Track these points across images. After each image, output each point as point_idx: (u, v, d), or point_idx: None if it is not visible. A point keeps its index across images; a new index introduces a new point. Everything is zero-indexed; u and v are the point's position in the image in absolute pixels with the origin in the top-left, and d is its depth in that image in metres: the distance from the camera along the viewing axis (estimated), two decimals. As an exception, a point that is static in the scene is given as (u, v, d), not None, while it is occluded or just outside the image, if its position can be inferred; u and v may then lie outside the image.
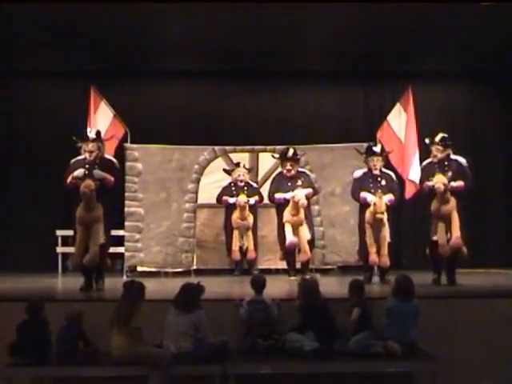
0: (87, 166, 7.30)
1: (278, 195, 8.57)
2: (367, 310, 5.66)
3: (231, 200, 9.26)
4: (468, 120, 11.09)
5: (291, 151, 8.65)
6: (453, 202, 7.43)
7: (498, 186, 11.16)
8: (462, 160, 7.72)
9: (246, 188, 9.40)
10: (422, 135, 9.61)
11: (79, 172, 7.21)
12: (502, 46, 9.85)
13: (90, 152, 7.35)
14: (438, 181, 7.33)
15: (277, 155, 8.93)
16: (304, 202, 8.28)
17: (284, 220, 8.43)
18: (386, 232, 7.82)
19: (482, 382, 5.89)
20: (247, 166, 9.69)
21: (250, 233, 9.25)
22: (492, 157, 11.29)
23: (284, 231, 8.40)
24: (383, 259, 7.80)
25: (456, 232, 7.35)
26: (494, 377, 5.90)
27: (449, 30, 9.32)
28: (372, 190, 7.93)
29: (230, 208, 9.31)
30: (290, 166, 8.59)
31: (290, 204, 8.35)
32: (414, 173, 9.28)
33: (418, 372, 5.61)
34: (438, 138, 7.72)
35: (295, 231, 8.36)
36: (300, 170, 8.81)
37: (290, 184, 8.49)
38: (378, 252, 7.80)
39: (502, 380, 5.93)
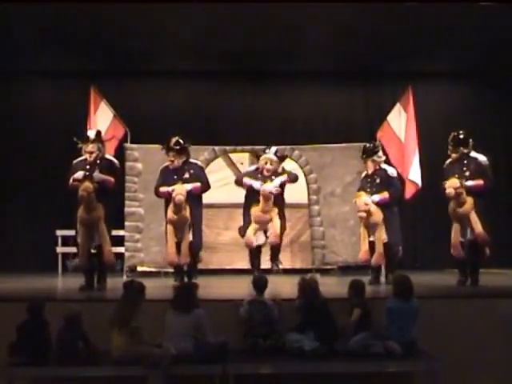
0: (88, 166, 7.32)
1: (163, 189, 7.72)
2: (367, 310, 5.67)
3: (255, 184, 8.15)
4: (468, 120, 11.05)
5: (173, 140, 7.77)
6: (469, 202, 7.28)
7: (498, 186, 11.14)
8: (482, 158, 7.53)
9: (273, 178, 8.24)
10: (422, 135, 9.68)
11: (79, 174, 7.24)
12: (502, 46, 9.85)
13: (90, 153, 7.36)
14: (449, 185, 7.24)
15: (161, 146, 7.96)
16: (180, 197, 7.39)
17: (167, 218, 7.62)
18: (381, 231, 7.78)
19: (482, 382, 5.90)
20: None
21: (273, 222, 8.07)
22: (492, 157, 11.25)
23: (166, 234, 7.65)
24: (376, 259, 7.77)
25: (478, 229, 7.22)
26: (494, 377, 5.91)
27: (449, 29, 9.32)
28: (368, 190, 7.94)
29: (252, 197, 8.22)
30: (173, 156, 7.75)
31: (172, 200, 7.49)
32: (414, 173, 9.30)
33: (417, 372, 5.61)
34: (449, 138, 7.62)
35: (177, 234, 7.60)
36: (192, 161, 7.95)
37: (175, 177, 7.69)
38: (374, 251, 7.79)
39: (502, 380, 5.94)
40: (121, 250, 9.26)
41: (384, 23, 9.06)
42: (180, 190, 7.46)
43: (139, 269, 9.45)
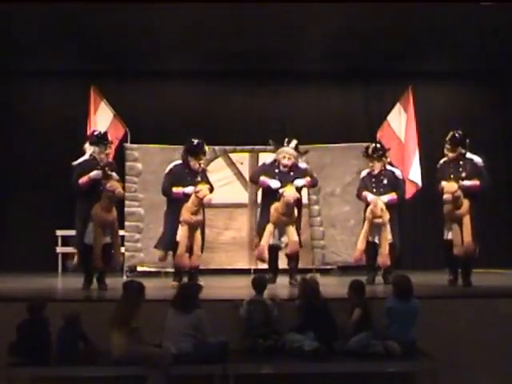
0: (104, 168, 7.37)
1: (177, 189, 7.64)
2: (367, 310, 5.67)
3: (273, 184, 7.78)
4: (468, 120, 11.05)
5: (205, 145, 7.86)
6: (466, 205, 7.28)
7: (498, 186, 11.14)
8: (478, 159, 7.55)
9: (291, 173, 7.87)
10: (422, 135, 9.68)
11: (96, 174, 7.27)
12: (502, 46, 9.85)
13: (107, 155, 7.50)
14: (447, 190, 7.23)
15: (207, 148, 8.00)
16: (210, 198, 7.49)
17: (181, 219, 7.51)
18: (387, 232, 7.79)
19: (481, 382, 5.90)
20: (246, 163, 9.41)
21: (291, 229, 7.70)
22: (492, 157, 11.24)
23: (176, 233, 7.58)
24: (383, 259, 7.78)
25: (468, 237, 7.24)
26: (494, 376, 5.91)
27: (449, 30, 9.32)
28: (374, 190, 7.93)
29: (270, 196, 7.82)
30: (203, 160, 7.85)
31: (191, 200, 7.46)
32: (414, 173, 9.31)
33: (417, 372, 5.61)
34: (447, 137, 7.63)
35: (191, 233, 7.53)
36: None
37: (189, 178, 7.69)
38: (377, 252, 7.80)
39: (502, 380, 5.94)
40: (121, 250, 9.26)
41: (384, 23, 9.06)
42: (207, 191, 7.51)
43: (139, 269, 9.45)
